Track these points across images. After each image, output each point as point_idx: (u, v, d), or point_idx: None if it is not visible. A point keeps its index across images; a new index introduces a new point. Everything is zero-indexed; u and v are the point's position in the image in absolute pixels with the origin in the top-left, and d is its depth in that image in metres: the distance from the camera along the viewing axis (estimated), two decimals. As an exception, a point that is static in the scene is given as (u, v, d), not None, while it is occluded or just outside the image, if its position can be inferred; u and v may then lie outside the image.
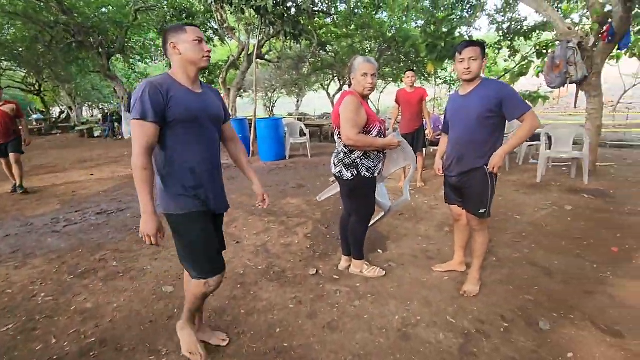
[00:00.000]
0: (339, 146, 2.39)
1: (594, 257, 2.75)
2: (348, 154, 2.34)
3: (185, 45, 1.54)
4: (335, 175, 2.43)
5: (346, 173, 2.35)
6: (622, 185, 4.55)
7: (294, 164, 6.98)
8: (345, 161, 2.35)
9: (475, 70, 2.11)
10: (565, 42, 4.18)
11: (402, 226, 3.59)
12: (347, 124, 2.18)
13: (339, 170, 2.38)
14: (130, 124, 1.48)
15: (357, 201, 2.48)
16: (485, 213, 2.25)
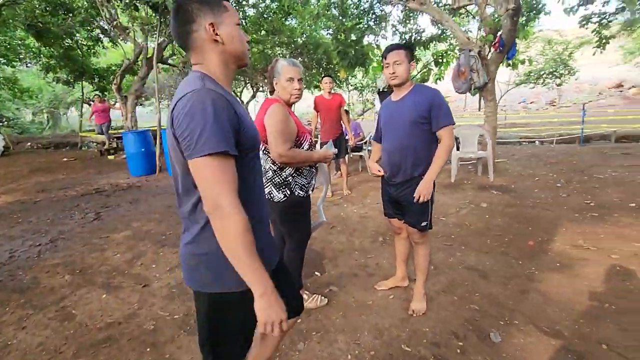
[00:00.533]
0: (265, 163, 2.01)
1: (517, 253, 2.89)
2: (278, 171, 1.99)
3: (229, 29, 1.02)
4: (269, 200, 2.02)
5: (277, 194, 2.00)
6: (519, 180, 5.10)
7: (210, 179, 6.32)
8: (275, 180, 2.00)
9: (402, 74, 2.00)
10: (467, 51, 4.53)
11: (336, 240, 3.37)
12: (277, 139, 1.83)
13: (268, 192, 2.01)
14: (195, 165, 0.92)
15: (291, 225, 2.13)
16: (427, 226, 2.13)
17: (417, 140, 2.02)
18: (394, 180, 2.16)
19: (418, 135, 2.02)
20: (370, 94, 16.56)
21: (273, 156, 1.87)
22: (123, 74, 9.81)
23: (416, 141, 2.02)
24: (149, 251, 3.26)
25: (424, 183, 1.99)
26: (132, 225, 4.02)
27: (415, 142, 2.02)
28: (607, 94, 22.85)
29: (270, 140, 1.85)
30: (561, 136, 10.37)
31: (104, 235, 3.74)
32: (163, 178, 6.57)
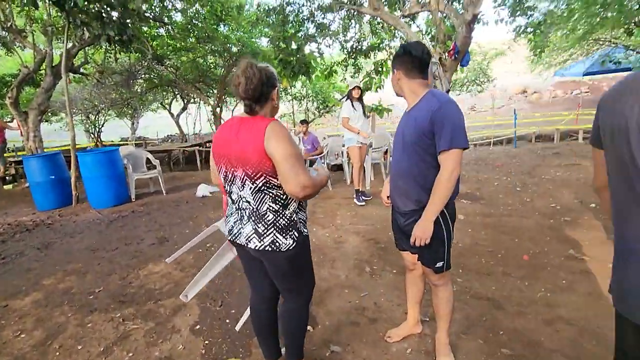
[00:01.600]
0: (260, 205, 1.43)
1: (517, 271, 2.68)
2: (281, 211, 1.45)
3: None
4: (261, 250, 1.45)
5: (284, 241, 1.44)
6: (481, 186, 5.11)
7: (146, 207, 5.33)
8: (280, 223, 1.44)
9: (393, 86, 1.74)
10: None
11: (318, 276, 2.84)
12: (296, 167, 1.32)
13: (270, 241, 1.43)
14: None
15: (300, 275, 1.59)
16: (444, 266, 1.74)
17: (422, 163, 1.60)
18: (401, 209, 1.74)
19: (422, 157, 1.59)
20: (310, 103, 16.37)
21: (292, 190, 1.32)
22: (20, 86, 8.11)
23: (421, 164, 1.61)
24: (70, 323, 2.39)
25: (421, 223, 1.57)
26: (43, 283, 3.03)
27: (419, 166, 1.61)
28: (515, 99, 25.83)
29: (286, 172, 1.32)
30: (497, 137, 11.14)
31: (0, 302, 2.73)
32: (82, 210, 5.38)
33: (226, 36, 11.23)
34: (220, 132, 1.49)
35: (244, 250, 1.57)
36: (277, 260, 1.48)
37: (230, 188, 1.50)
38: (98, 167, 5.31)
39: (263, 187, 1.39)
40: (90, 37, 6.21)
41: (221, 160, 1.47)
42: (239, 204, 1.49)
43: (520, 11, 5.99)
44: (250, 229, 1.46)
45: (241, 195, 1.46)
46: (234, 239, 1.54)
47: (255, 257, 1.55)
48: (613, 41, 13.01)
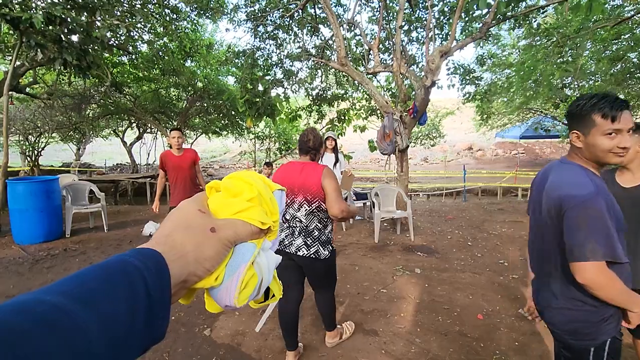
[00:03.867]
0: (310, 223, 2.13)
1: (473, 331, 2.69)
2: (322, 230, 2.16)
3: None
4: (307, 256, 2.10)
5: (323, 251, 2.14)
6: (435, 239, 5.27)
7: (81, 246, 4.79)
8: (322, 239, 2.15)
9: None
10: (391, 115, 4.66)
11: (272, 333, 2.65)
12: (338, 197, 2.05)
13: (315, 251, 2.11)
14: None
15: (330, 276, 2.32)
16: None
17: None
18: None
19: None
20: (272, 143, 16.48)
21: (335, 213, 2.02)
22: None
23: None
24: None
25: None
26: None
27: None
28: (462, 154, 28.05)
29: (332, 200, 2.03)
30: (448, 190, 11.79)
31: None
32: (3, 245, 4.70)
33: (193, 72, 11.22)
34: (285, 169, 2.23)
35: (287, 258, 2.12)
36: (317, 265, 2.15)
37: (285, 210, 2.14)
38: (30, 199, 4.75)
39: (315, 209, 2.10)
40: (44, 59, 5.85)
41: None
42: (292, 222, 2.15)
43: (469, 80, 6.68)
44: (300, 241, 2.12)
45: (295, 216, 2.14)
46: (284, 249, 2.13)
47: (293, 265, 2.18)
48: (543, 111, 14.88)
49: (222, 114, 13.99)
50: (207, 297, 0.42)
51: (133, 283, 0.30)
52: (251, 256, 0.42)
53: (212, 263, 0.38)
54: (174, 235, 0.38)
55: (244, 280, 0.40)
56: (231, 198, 0.44)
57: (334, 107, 10.24)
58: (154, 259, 0.34)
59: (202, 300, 1.64)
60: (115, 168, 18.21)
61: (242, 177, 0.47)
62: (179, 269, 0.36)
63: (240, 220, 0.42)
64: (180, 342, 2.52)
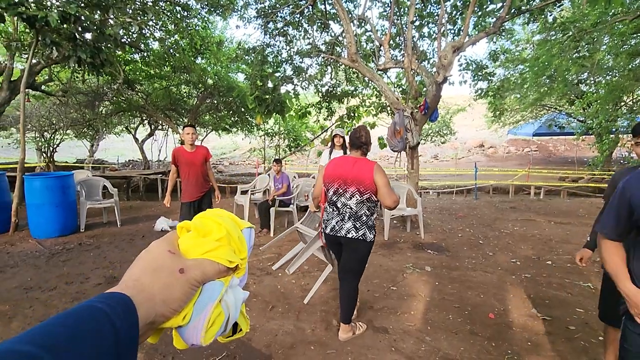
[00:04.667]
0: (360, 210, 2.38)
1: (484, 330, 2.66)
2: (370, 216, 2.41)
3: None
4: (356, 238, 2.37)
5: (369, 235, 2.39)
6: (446, 237, 5.22)
7: (95, 240, 4.88)
8: (369, 223, 2.40)
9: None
10: (401, 111, 4.62)
11: (282, 329, 2.66)
12: (390, 190, 2.28)
13: (362, 234, 2.37)
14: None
15: (364, 261, 2.49)
16: None
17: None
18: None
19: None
20: (281, 140, 16.51)
21: (388, 203, 2.26)
22: (-30, 98, 7.50)
23: None
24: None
25: None
26: (-43, 328, 2.58)
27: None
28: (473, 151, 27.67)
29: (385, 193, 2.27)
30: (459, 187, 11.67)
31: None
32: (20, 240, 4.83)
33: (203, 69, 11.29)
34: (337, 162, 2.47)
35: (334, 239, 2.47)
36: (361, 247, 2.39)
37: (337, 199, 2.43)
38: (47, 194, 4.86)
39: (366, 200, 2.34)
40: (59, 57, 5.96)
41: (335, 180, 2.42)
42: (342, 209, 2.42)
43: (482, 76, 6.57)
44: (350, 225, 2.38)
45: (346, 204, 2.39)
46: (334, 233, 2.43)
47: (340, 244, 2.47)
48: (558, 108, 14.56)
49: (232, 111, 14.07)
50: (175, 335, 0.43)
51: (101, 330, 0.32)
52: (218, 295, 0.43)
53: (180, 304, 0.40)
54: (142, 279, 0.39)
55: (210, 319, 0.42)
56: (201, 238, 0.46)
57: (343, 104, 10.19)
58: (122, 303, 0.36)
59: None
60: (128, 164, 18.49)
61: (211, 216, 0.48)
62: (146, 310, 0.37)
63: (208, 260, 0.43)
64: (191, 336, 2.55)
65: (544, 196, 10.32)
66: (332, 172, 2.44)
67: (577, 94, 11.47)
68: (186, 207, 3.83)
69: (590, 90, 10.47)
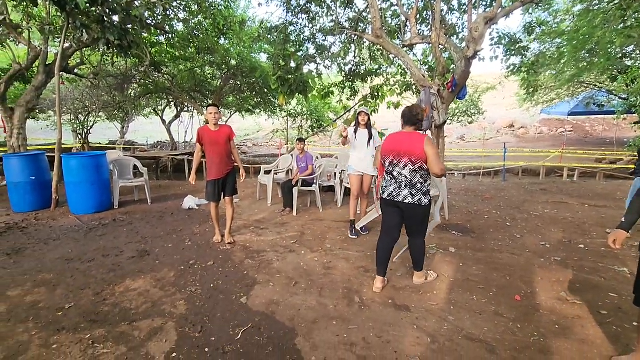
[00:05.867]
0: (414, 177, 2.72)
1: (510, 312, 2.62)
2: (424, 183, 2.74)
3: None
4: (412, 203, 2.74)
5: (424, 200, 2.75)
6: (471, 218, 5.11)
7: (128, 217, 5.13)
8: (423, 190, 2.75)
9: None
10: (428, 89, 4.46)
11: (305, 304, 2.73)
12: (439, 159, 2.65)
13: (418, 199, 2.73)
14: None
15: (425, 222, 2.88)
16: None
17: None
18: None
19: None
20: (304, 121, 16.45)
21: (436, 171, 2.63)
22: (10, 81, 7.90)
23: None
24: (33, 343, 2.20)
25: None
26: (9, 294, 2.82)
27: None
28: (502, 132, 26.54)
29: (433, 162, 2.62)
30: (486, 169, 11.31)
31: (-43, 314, 2.52)
32: (61, 215, 5.15)
33: (226, 49, 11.29)
34: (393, 137, 2.82)
35: (392, 206, 2.85)
36: (418, 210, 2.76)
37: (392, 169, 2.79)
38: (83, 172, 5.12)
39: (418, 169, 2.70)
40: (89, 40, 6.12)
41: (390, 153, 2.79)
42: (398, 178, 2.77)
43: (515, 51, 6.20)
44: (406, 192, 2.74)
45: (401, 173, 2.75)
46: (392, 199, 2.81)
47: (397, 210, 2.84)
48: (598, 85, 13.61)
49: (255, 92, 14.09)
50: None
51: None
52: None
53: None
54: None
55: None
56: None
57: (367, 83, 9.96)
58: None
59: (239, 269, 1.75)
60: (156, 146, 19.08)
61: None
62: None
63: None
64: (219, 308, 2.66)
65: (578, 178, 9.83)
66: (387, 147, 2.82)
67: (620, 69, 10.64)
68: (211, 185, 3.92)
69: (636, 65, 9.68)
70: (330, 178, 6.35)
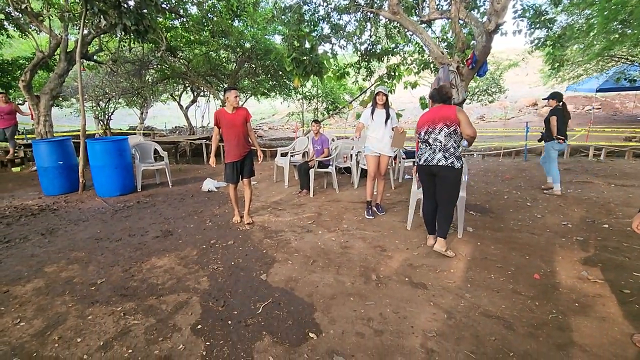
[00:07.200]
0: (448, 142, 2.99)
1: (528, 290, 2.61)
2: (457, 147, 3.00)
3: None
4: (445, 166, 2.99)
5: (457, 163, 2.98)
6: (490, 198, 5.03)
7: (151, 199, 5.31)
8: (456, 154, 3.00)
9: None
10: (446, 66, 4.34)
11: (322, 282, 2.80)
12: (470, 125, 2.92)
13: (451, 162, 2.98)
14: None
15: (456, 187, 3.08)
16: None
17: None
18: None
19: None
20: (319, 103, 16.31)
21: (469, 132, 2.89)
22: (34, 70, 8.15)
23: None
24: (70, 314, 2.36)
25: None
26: (45, 270, 3.01)
27: None
28: (525, 111, 25.58)
29: (466, 125, 2.90)
30: (507, 149, 11.02)
31: (1, 287, 2.71)
32: (88, 198, 5.38)
33: (240, 32, 11.21)
34: (426, 113, 3.17)
35: (427, 169, 3.12)
36: (451, 173, 3.00)
37: (427, 136, 3.08)
38: (106, 156, 5.30)
39: (452, 133, 2.97)
40: (107, 26, 6.21)
41: (425, 123, 3.11)
42: (433, 144, 3.05)
43: (540, 24, 5.90)
44: (440, 155, 3.02)
45: (436, 139, 3.02)
46: (427, 164, 3.09)
47: (432, 174, 3.11)
48: (630, 58, 12.86)
49: (269, 75, 14.02)
50: None
51: None
52: None
53: None
54: None
55: None
56: None
57: (383, 63, 9.74)
58: None
59: (258, 248, 1.81)
60: (174, 131, 19.42)
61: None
62: None
63: None
64: (240, 284, 2.77)
65: (605, 157, 9.44)
66: (423, 118, 3.15)
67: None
68: (230, 167, 4.00)
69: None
70: (346, 159, 6.35)
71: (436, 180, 3.11)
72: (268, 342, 2.08)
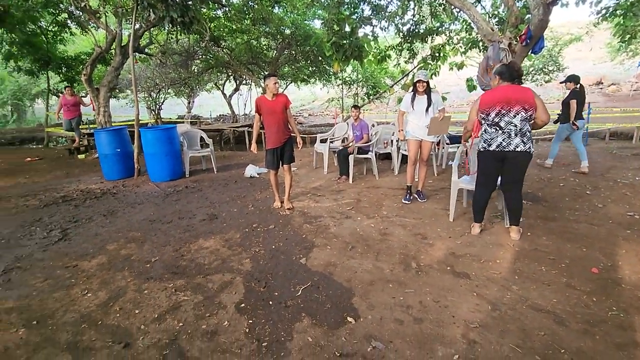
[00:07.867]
0: (524, 126, 2.84)
1: (584, 285, 2.42)
2: (530, 132, 2.88)
3: None
4: (523, 151, 2.86)
5: (532, 148, 2.88)
6: (544, 186, 4.69)
7: (198, 184, 5.61)
8: (531, 139, 2.90)
9: None
10: (497, 44, 4.04)
11: (361, 268, 2.80)
12: (546, 110, 2.79)
13: (529, 147, 2.86)
14: None
15: (525, 172, 2.98)
16: None
17: None
18: None
19: None
20: (359, 88, 16.03)
21: (544, 118, 2.80)
22: (94, 64, 8.82)
23: None
24: (129, 288, 2.59)
25: None
26: (107, 248, 3.31)
27: None
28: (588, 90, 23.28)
29: (542, 110, 2.79)
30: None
31: (71, 262, 3.03)
32: (142, 183, 5.80)
33: (280, 18, 11.24)
34: (495, 89, 2.95)
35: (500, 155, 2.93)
36: (527, 158, 2.89)
37: (500, 119, 2.87)
38: (158, 144, 5.65)
39: (528, 117, 2.81)
40: (156, 19, 6.52)
41: (497, 103, 2.88)
42: (506, 128, 2.87)
43: (609, -10, 5.25)
44: (518, 140, 2.86)
45: (511, 122, 2.84)
46: (502, 149, 2.90)
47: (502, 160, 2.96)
48: None
49: (309, 61, 13.99)
50: None
51: None
52: None
53: None
54: None
55: None
56: None
57: (427, 43, 9.29)
58: None
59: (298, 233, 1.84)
60: (219, 119, 20.16)
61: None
62: None
63: None
64: (280, 267, 2.85)
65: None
66: (492, 98, 2.90)
67: None
68: (270, 153, 4.08)
69: None
70: (386, 145, 6.22)
71: (505, 166, 2.96)
72: (307, 323, 2.14)
